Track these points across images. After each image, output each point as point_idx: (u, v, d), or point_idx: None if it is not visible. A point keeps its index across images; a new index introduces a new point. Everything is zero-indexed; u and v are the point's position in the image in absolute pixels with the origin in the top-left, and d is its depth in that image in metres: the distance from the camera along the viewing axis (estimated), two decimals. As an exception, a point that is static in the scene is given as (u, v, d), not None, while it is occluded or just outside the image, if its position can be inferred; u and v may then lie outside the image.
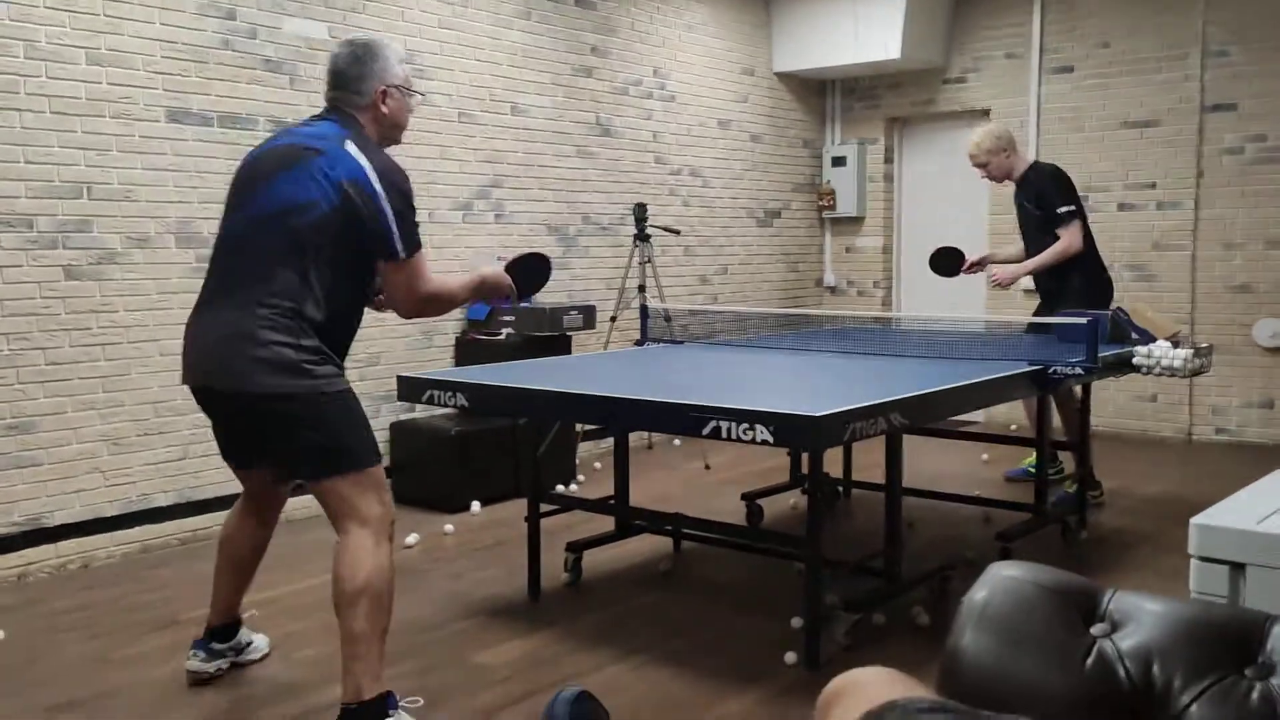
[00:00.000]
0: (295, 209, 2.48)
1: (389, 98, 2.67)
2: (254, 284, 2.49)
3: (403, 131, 2.77)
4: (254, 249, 2.52)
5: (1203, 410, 6.43)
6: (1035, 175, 4.83)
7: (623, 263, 6.06)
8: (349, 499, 2.52)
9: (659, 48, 6.49)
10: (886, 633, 3.29)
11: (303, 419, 2.49)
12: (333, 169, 2.49)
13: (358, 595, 2.46)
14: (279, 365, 2.45)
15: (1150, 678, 1.26)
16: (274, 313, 2.47)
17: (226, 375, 2.50)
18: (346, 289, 2.58)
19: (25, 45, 3.85)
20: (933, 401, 3.04)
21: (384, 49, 2.68)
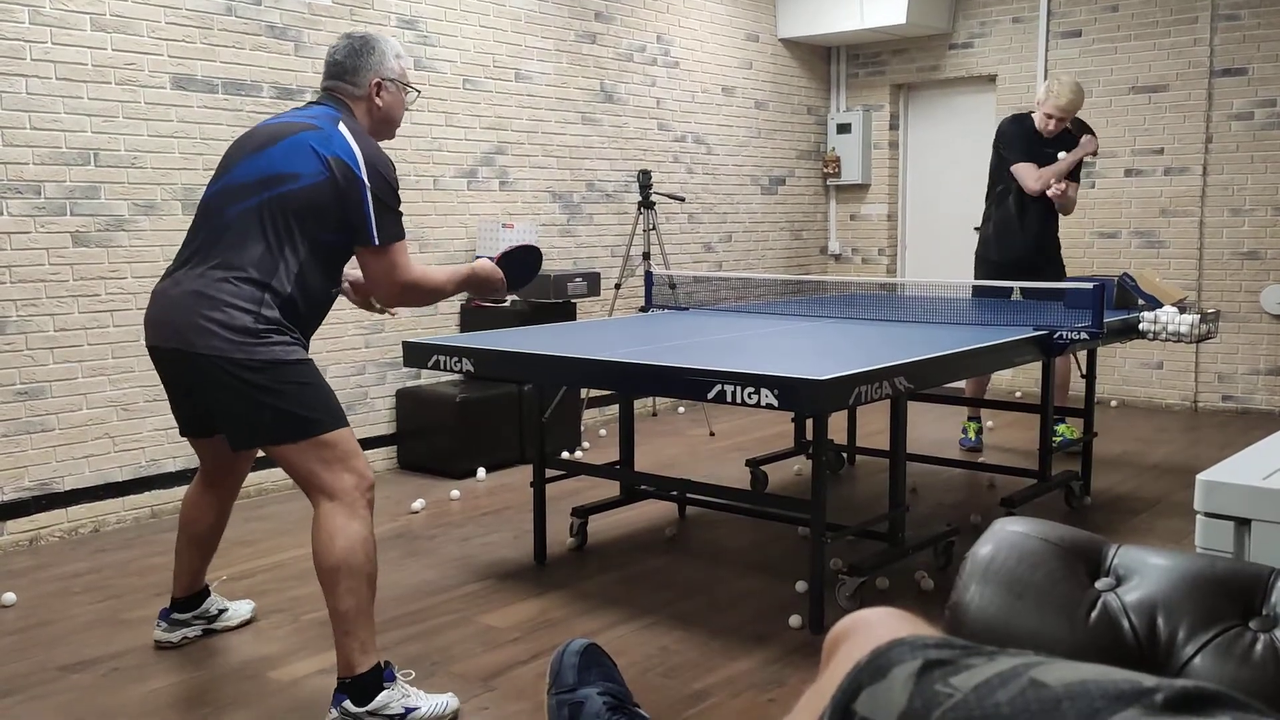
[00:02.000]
0: (277, 178, 2.47)
1: (384, 90, 2.67)
2: (223, 251, 2.48)
3: (395, 127, 2.76)
4: (229, 217, 2.50)
5: (1209, 377, 6.43)
6: (1079, 129, 5.06)
7: (627, 230, 6.05)
8: (314, 470, 2.47)
9: (663, 14, 6.44)
10: (890, 596, 3.31)
11: (256, 385, 2.43)
12: (325, 145, 2.48)
13: (334, 573, 2.44)
14: (235, 329, 2.42)
15: (1155, 631, 1.27)
16: (238, 279, 2.44)
17: (182, 336, 2.46)
18: (319, 269, 2.54)
19: (30, 11, 3.83)
20: (938, 365, 3.05)
21: (381, 43, 2.68)
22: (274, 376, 2.44)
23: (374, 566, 2.50)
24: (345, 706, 2.45)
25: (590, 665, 1.83)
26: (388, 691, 2.47)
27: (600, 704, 1.81)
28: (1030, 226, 4.99)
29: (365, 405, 5.01)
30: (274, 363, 2.44)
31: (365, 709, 2.44)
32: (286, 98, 4.57)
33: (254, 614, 3.17)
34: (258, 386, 2.43)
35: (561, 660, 1.82)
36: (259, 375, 2.42)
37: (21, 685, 2.74)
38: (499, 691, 2.69)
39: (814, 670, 1.19)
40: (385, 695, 2.46)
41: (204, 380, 2.48)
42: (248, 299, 2.44)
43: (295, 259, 2.49)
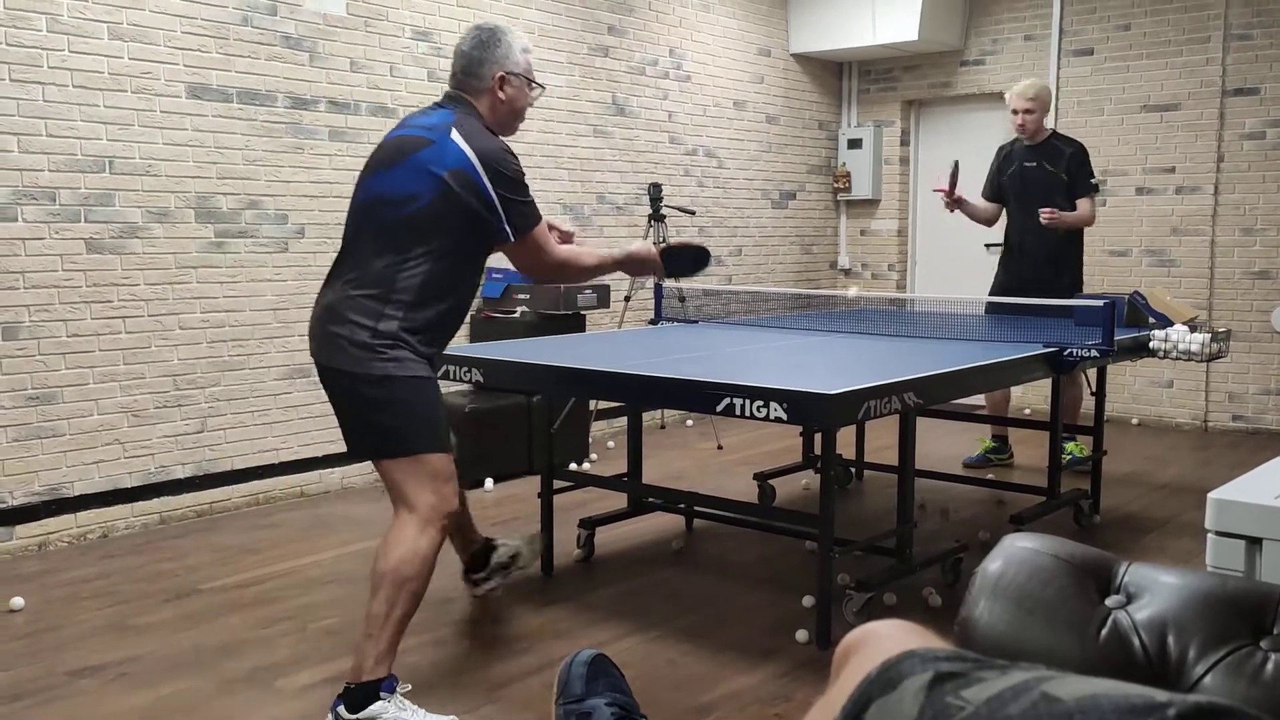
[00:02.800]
0: (392, 202, 2.55)
1: (507, 84, 2.68)
2: (350, 267, 2.59)
3: (519, 121, 2.77)
4: (355, 234, 2.62)
5: (1219, 396, 6.41)
6: (1066, 145, 4.98)
7: (638, 243, 6.05)
8: (400, 484, 2.55)
9: (676, 28, 6.47)
10: (898, 613, 3.30)
11: (367, 398, 2.52)
12: (439, 160, 2.53)
13: (382, 578, 2.49)
14: (353, 343, 2.51)
15: (1165, 649, 1.27)
16: (359, 295, 2.53)
17: (319, 348, 2.61)
18: (449, 276, 2.59)
19: (48, 19, 3.87)
20: (947, 381, 3.05)
21: (507, 36, 2.69)
22: (386, 392, 2.52)
23: (421, 585, 2.53)
24: (339, 712, 2.45)
25: (598, 676, 1.83)
26: (381, 703, 2.45)
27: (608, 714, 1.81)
28: (1027, 250, 4.97)
29: (374, 414, 5.01)
30: (388, 378, 2.51)
31: (356, 717, 2.43)
32: (300, 107, 4.60)
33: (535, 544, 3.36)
34: (369, 400, 2.53)
35: (569, 670, 1.82)
36: (372, 389, 2.52)
37: (29, 690, 2.75)
38: (505, 702, 2.68)
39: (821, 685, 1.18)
40: (378, 706, 2.45)
41: (331, 390, 2.61)
42: (366, 314, 2.52)
43: (421, 272, 2.53)
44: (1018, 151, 5.01)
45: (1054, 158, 4.89)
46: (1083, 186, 4.90)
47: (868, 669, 0.68)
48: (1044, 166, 4.90)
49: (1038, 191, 4.90)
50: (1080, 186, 4.89)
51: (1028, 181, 4.95)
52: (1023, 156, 4.98)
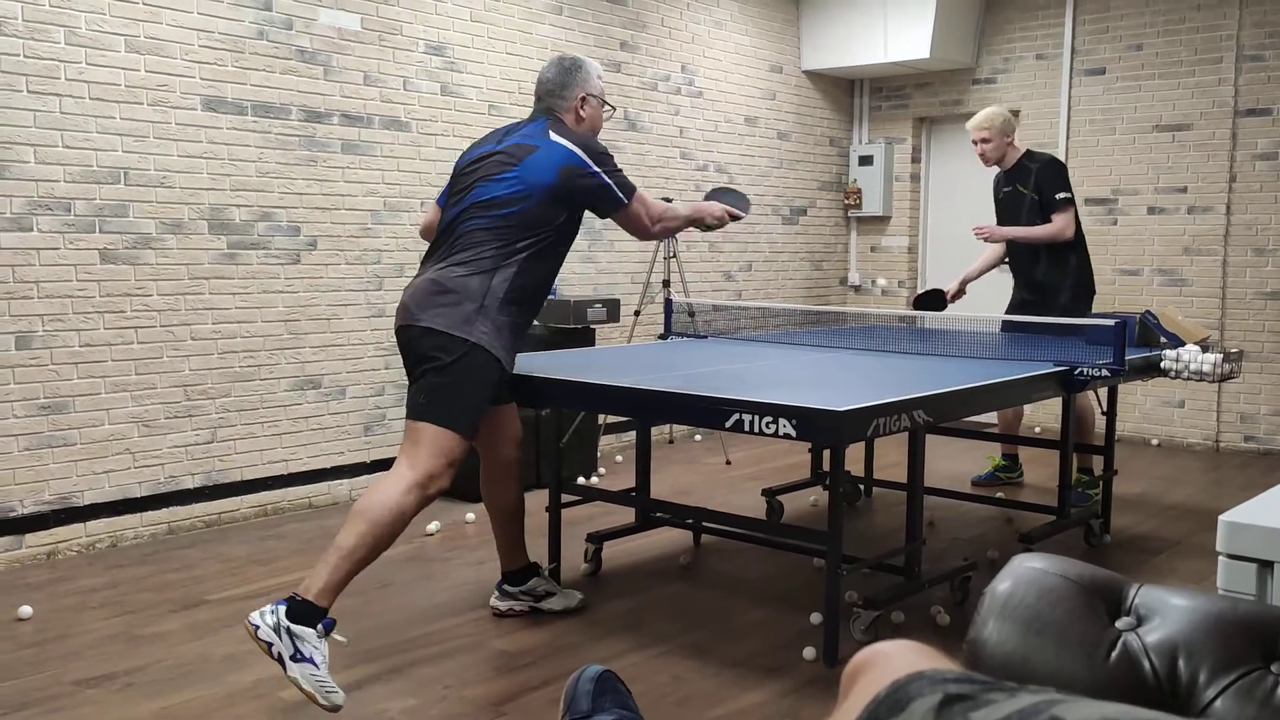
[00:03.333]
0: (501, 201, 2.93)
1: (587, 104, 3.13)
2: (459, 251, 2.94)
3: (597, 134, 3.17)
4: (465, 228, 2.96)
5: (1231, 417, 6.38)
6: (1033, 161, 4.88)
7: (647, 257, 6.07)
8: (416, 443, 2.82)
9: (688, 44, 6.50)
10: (906, 631, 3.29)
11: (442, 362, 2.83)
12: (550, 159, 2.94)
13: (358, 514, 2.74)
14: (456, 314, 2.85)
15: (1175, 672, 1.26)
16: (467, 274, 2.89)
17: (412, 313, 2.91)
18: (540, 264, 2.98)
19: (66, 32, 3.90)
20: (956, 399, 3.04)
21: (586, 64, 3.15)
22: (464, 359, 2.84)
23: (389, 534, 2.75)
24: (279, 611, 2.63)
25: (605, 692, 1.82)
26: (314, 632, 2.62)
27: (613, 731, 1.80)
28: (1017, 273, 4.96)
29: (383, 426, 5.03)
30: (478, 346, 2.85)
31: (289, 624, 2.61)
32: (314, 121, 4.63)
33: (581, 604, 3.39)
34: (443, 365, 2.83)
35: (576, 686, 1.82)
36: (455, 354, 2.83)
37: (37, 699, 2.75)
38: (510, 717, 2.68)
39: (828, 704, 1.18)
40: (310, 632, 2.61)
41: (413, 346, 2.91)
42: (469, 295, 2.87)
43: (516, 262, 2.92)
44: (999, 178, 5.02)
45: (1025, 178, 4.84)
46: (1048, 201, 4.76)
47: (876, 689, 0.68)
48: (1017, 189, 4.88)
49: (1012, 214, 4.89)
50: (1049, 201, 4.76)
51: (1006, 206, 4.95)
52: (1002, 182, 4.98)
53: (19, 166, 3.82)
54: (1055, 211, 4.74)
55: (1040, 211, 4.78)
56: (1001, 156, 4.89)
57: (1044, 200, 4.77)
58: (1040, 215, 4.78)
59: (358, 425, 4.91)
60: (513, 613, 3.32)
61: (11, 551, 3.86)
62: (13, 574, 3.78)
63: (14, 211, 3.82)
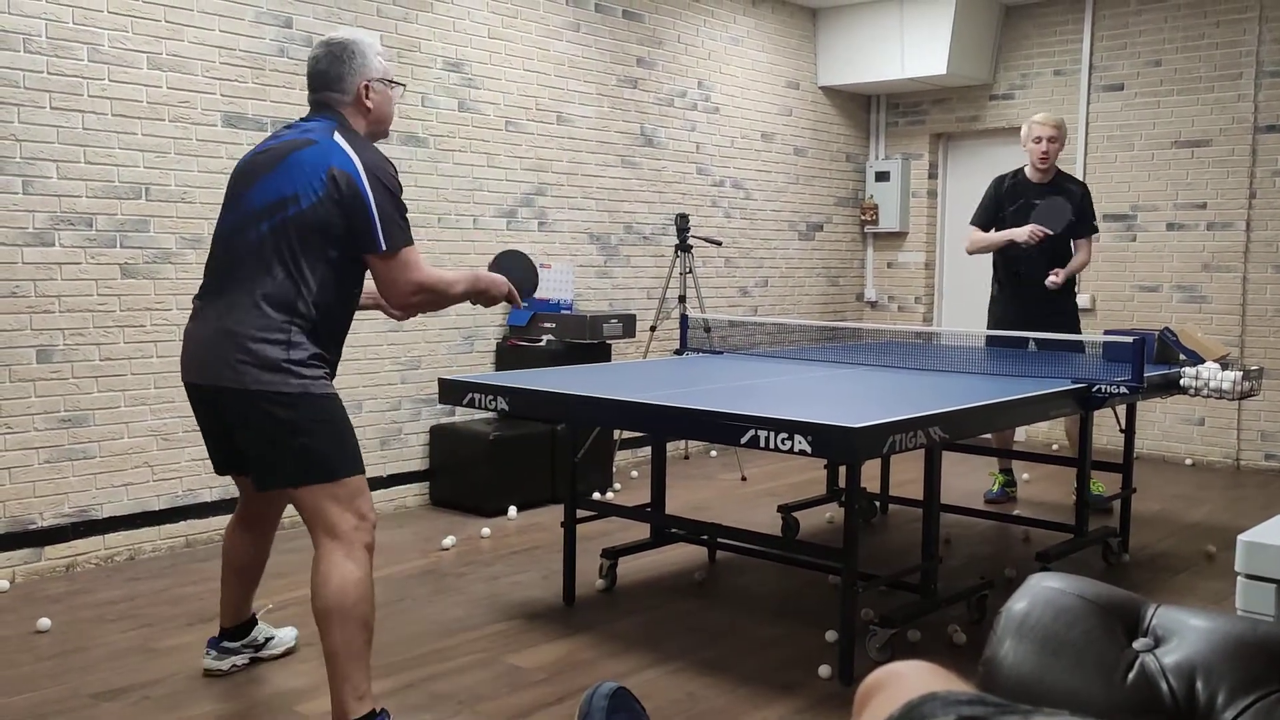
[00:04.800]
0: (282, 201, 2.47)
1: (372, 92, 2.65)
2: (244, 281, 2.48)
3: (388, 124, 2.74)
4: (244, 246, 2.51)
5: (1251, 435, 6.32)
6: (1074, 183, 5.04)
7: (664, 273, 6.08)
8: (320, 510, 2.46)
9: (704, 60, 6.52)
10: (922, 649, 3.27)
11: (284, 421, 2.43)
12: (323, 158, 2.47)
13: (326, 614, 2.43)
14: (265, 364, 2.43)
15: (1194, 694, 1.25)
16: (263, 311, 2.45)
17: (215, 371, 2.48)
18: (335, 284, 2.53)
19: (89, 49, 3.95)
20: (973, 416, 3.03)
21: (360, 44, 2.65)
22: (304, 412, 2.44)
23: (367, 608, 2.47)
24: None
25: (619, 709, 1.82)
26: None
27: (627, 749, 1.80)
28: (1034, 279, 4.92)
29: (399, 441, 5.04)
30: (304, 395, 2.44)
31: None
32: (333, 137, 4.66)
33: (297, 641, 3.19)
34: (287, 423, 2.43)
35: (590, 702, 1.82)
36: (290, 411, 2.43)
37: (54, 711, 2.76)
38: (524, 733, 2.67)
39: (844, 722, 1.18)
40: None
41: (237, 416, 2.49)
42: (275, 329, 2.44)
43: (314, 279, 2.48)
44: (1024, 186, 4.97)
45: (1066, 197, 4.87)
46: (1087, 227, 4.95)
47: (889, 710, 0.68)
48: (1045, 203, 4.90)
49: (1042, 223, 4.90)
50: (1084, 228, 4.94)
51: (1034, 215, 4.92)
52: (1032, 192, 4.94)
53: (42, 182, 3.87)
54: (1086, 238, 4.97)
55: (1070, 233, 4.89)
56: (1054, 163, 4.97)
57: (1079, 225, 4.91)
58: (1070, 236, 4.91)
59: (374, 440, 4.92)
60: (234, 669, 3.00)
61: (31, 564, 3.89)
62: (32, 586, 3.81)
63: (36, 226, 3.87)
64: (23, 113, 3.81)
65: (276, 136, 2.67)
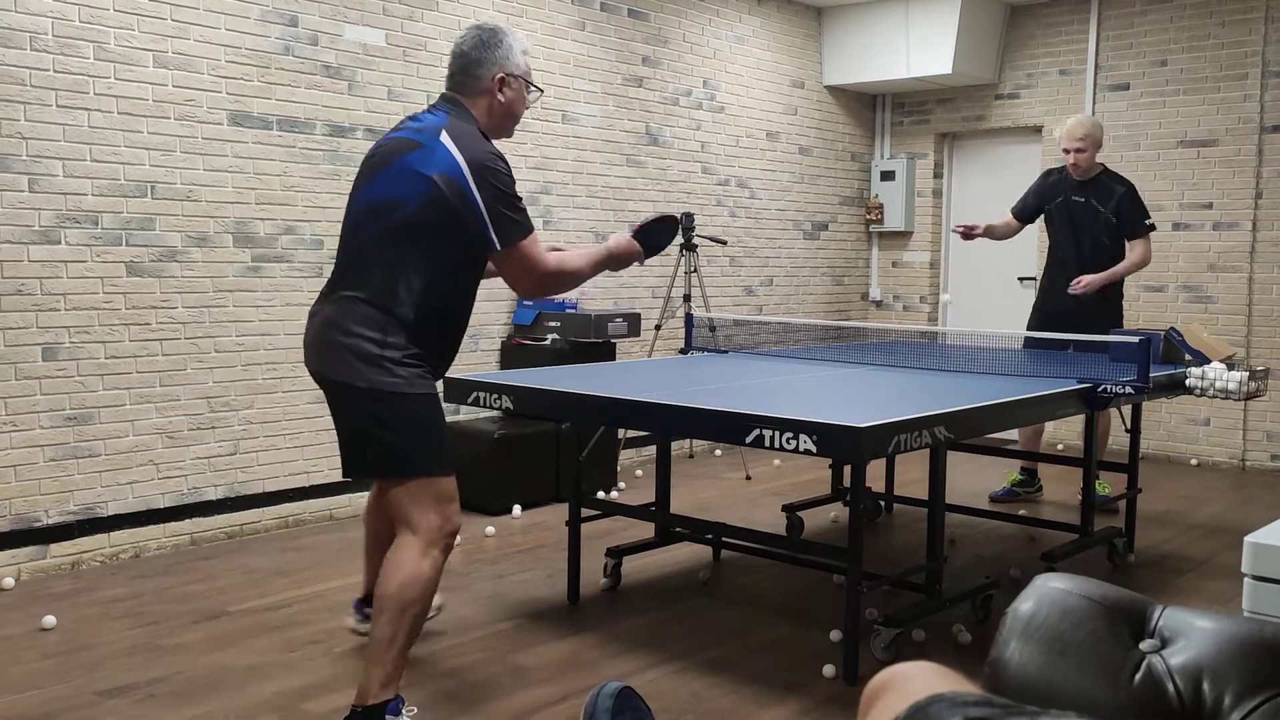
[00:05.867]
0: (387, 206, 2.52)
1: (506, 86, 2.64)
2: (351, 276, 2.56)
3: (515, 123, 2.75)
4: (355, 244, 2.58)
5: (1257, 435, 6.31)
6: (1117, 182, 4.94)
7: (668, 272, 6.08)
8: (405, 505, 2.53)
9: (710, 59, 6.52)
10: (927, 649, 3.26)
11: (376, 415, 2.48)
12: (427, 163, 2.49)
13: (385, 601, 2.49)
14: (360, 356, 2.48)
15: (1200, 695, 1.25)
16: (362, 307, 2.51)
17: (321, 360, 2.57)
18: (444, 284, 2.56)
19: (95, 47, 3.96)
20: (979, 416, 3.02)
21: (508, 37, 2.65)
22: (395, 409, 2.49)
23: (425, 608, 2.53)
24: None
25: (624, 709, 1.82)
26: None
27: (632, 749, 1.79)
28: (1063, 280, 4.92)
29: (404, 439, 5.04)
30: (397, 394, 2.48)
31: None
32: (339, 135, 4.67)
33: (439, 608, 3.27)
34: (377, 418, 2.49)
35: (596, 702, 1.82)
36: (380, 406, 2.48)
37: (59, 709, 2.77)
38: (528, 732, 2.67)
39: (848, 723, 1.17)
40: None
41: (334, 403, 2.59)
42: (371, 325, 2.49)
43: (419, 280, 2.50)
44: (1067, 182, 4.96)
45: (1104, 196, 4.85)
46: (1137, 227, 4.85)
47: (895, 711, 0.68)
48: (1092, 204, 4.87)
49: (1086, 228, 4.89)
50: (1134, 227, 4.85)
51: (1076, 215, 4.91)
52: (1071, 189, 4.93)
53: (48, 180, 3.87)
54: (1139, 238, 4.85)
55: (1116, 233, 4.85)
56: (1089, 167, 4.91)
57: (1127, 226, 4.85)
58: (1114, 237, 4.86)
59: (379, 438, 4.92)
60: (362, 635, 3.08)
61: (36, 561, 3.90)
62: (37, 584, 3.81)
63: (42, 224, 3.87)
64: (29, 110, 3.81)
65: (397, 129, 2.67)
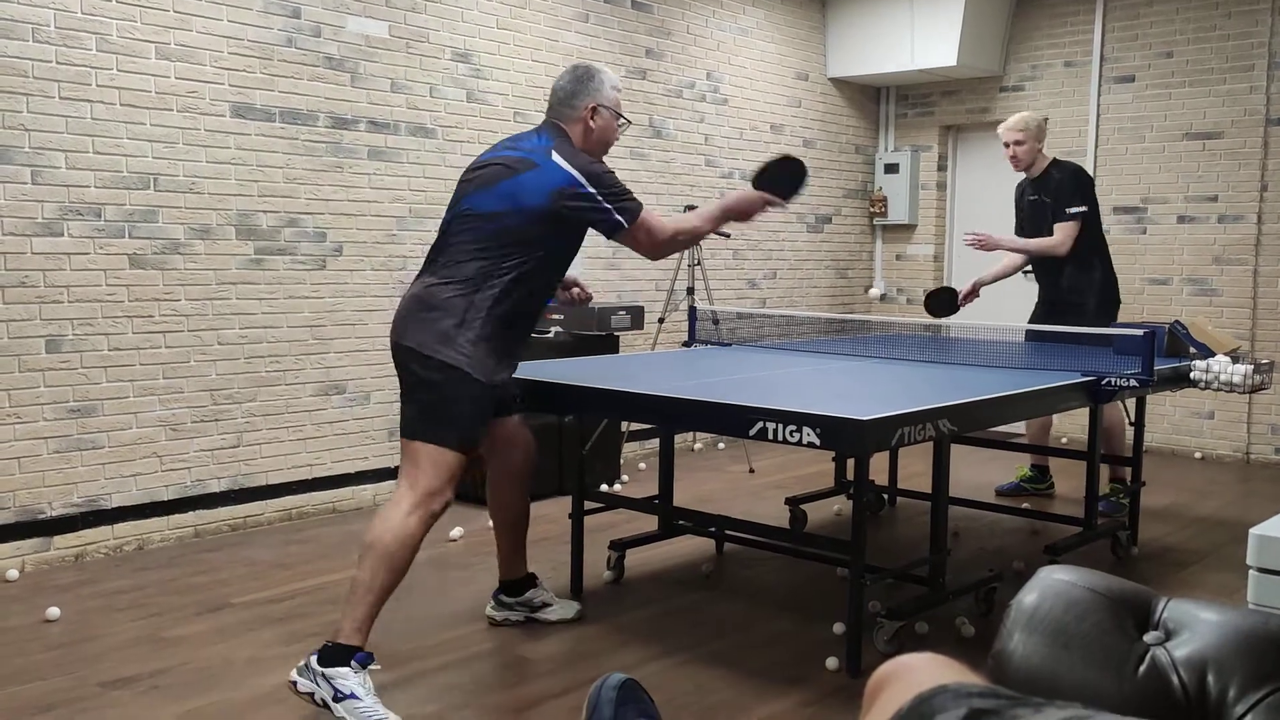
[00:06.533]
0: (492, 215, 2.84)
1: (598, 115, 3.01)
2: (446, 264, 2.86)
3: (608, 148, 3.08)
4: (455, 239, 2.88)
5: (1261, 429, 6.29)
6: (1058, 170, 4.83)
7: (672, 265, 6.07)
8: (414, 463, 2.76)
9: (713, 51, 6.50)
10: (930, 642, 3.26)
11: (425, 380, 2.77)
12: (548, 180, 2.83)
13: (369, 546, 2.70)
14: (435, 332, 2.77)
15: (1205, 687, 1.24)
16: (451, 290, 2.81)
17: (399, 330, 2.85)
18: (527, 285, 2.87)
19: (97, 39, 3.95)
20: (982, 409, 3.01)
21: (601, 74, 3.03)
22: (448, 380, 2.76)
23: (403, 559, 2.71)
24: (310, 660, 2.66)
25: (628, 700, 1.82)
26: (349, 669, 2.62)
27: (635, 740, 1.79)
28: (1047, 278, 4.89)
29: (407, 432, 5.04)
30: (454, 367, 2.76)
31: (323, 670, 2.62)
32: (341, 127, 4.67)
33: (579, 614, 3.38)
34: (428, 383, 2.77)
35: (599, 694, 1.81)
36: (435, 374, 2.77)
37: (63, 700, 2.78)
38: (531, 724, 2.67)
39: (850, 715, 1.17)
40: (345, 670, 2.62)
41: (402, 366, 2.84)
42: (454, 310, 2.79)
43: (503, 278, 2.81)
44: (1025, 184, 4.96)
45: (1047, 187, 4.80)
46: (1059, 212, 4.72)
47: (900, 703, 0.67)
48: (1041, 198, 4.83)
49: (1035, 224, 4.85)
50: (1057, 212, 4.72)
51: (1030, 215, 4.90)
52: (1029, 190, 4.93)
53: (50, 172, 3.87)
54: (1059, 222, 4.72)
55: (1052, 220, 4.75)
56: (1032, 162, 4.83)
57: (1054, 210, 4.74)
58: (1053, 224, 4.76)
59: (382, 430, 4.93)
60: (508, 623, 3.31)
61: (40, 553, 3.90)
62: (41, 575, 3.82)
63: (45, 216, 3.87)
64: (31, 102, 3.81)
65: (497, 149, 3.01)
